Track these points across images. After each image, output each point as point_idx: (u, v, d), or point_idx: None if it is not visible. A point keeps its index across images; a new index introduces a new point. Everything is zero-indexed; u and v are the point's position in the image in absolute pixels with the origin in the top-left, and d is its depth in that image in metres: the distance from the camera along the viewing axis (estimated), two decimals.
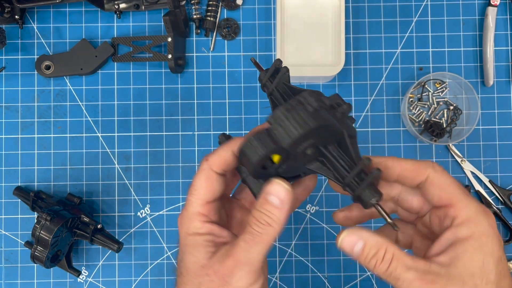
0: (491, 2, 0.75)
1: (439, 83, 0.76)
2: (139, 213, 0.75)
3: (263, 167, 0.42)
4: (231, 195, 0.51)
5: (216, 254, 0.42)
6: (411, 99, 0.76)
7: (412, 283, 0.38)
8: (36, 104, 0.76)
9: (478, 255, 0.38)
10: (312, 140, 0.41)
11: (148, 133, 0.76)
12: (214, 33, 0.76)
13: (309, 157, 0.42)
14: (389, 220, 0.40)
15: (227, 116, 0.76)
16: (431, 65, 0.76)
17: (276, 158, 0.42)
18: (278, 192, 0.41)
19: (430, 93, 0.76)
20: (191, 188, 0.44)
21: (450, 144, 0.75)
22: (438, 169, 0.41)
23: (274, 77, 0.46)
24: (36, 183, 0.75)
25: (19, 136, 0.76)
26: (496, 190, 0.75)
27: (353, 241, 0.40)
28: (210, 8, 0.76)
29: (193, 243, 0.43)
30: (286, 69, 0.45)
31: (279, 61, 0.45)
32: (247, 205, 0.50)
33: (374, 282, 0.75)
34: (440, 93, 0.76)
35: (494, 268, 0.38)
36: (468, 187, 0.75)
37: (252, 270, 0.41)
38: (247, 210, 0.50)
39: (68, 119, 0.76)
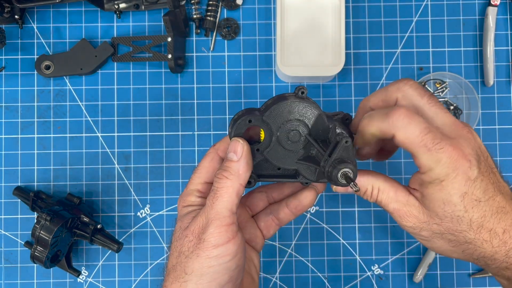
0: (491, 2, 0.75)
1: (439, 83, 0.76)
2: (139, 213, 0.75)
3: (251, 142, 0.46)
4: None
5: (194, 218, 0.46)
6: None
7: (394, 214, 0.46)
8: (36, 104, 0.76)
9: (438, 197, 0.43)
10: (295, 122, 0.45)
11: (148, 133, 0.76)
12: (214, 33, 0.76)
13: (295, 144, 0.46)
14: (354, 188, 0.43)
15: (227, 116, 0.76)
16: (431, 65, 0.76)
17: (262, 135, 0.46)
18: (234, 147, 0.46)
19: None
20: (196, 169, 0.50)
21: None
22: (401, 126, 0.42)
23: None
24: (36, 183, 0.75)
25: (19, 136, 0.76)
26: None
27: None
28: (210, 8, 0.76)
29: (184, 212, 0.48)
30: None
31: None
32: (246, 208, 0.54)
33: (374, 282, 0.75)
34: (440, 93, 0.76)
35: (457, 205, 0.43)
36: None
37: (221, 225, 0.44)
38: (245, 210, 0.54)
39: (68, 119, 0.76)
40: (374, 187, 0.47)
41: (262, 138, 0.46)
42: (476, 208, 0.43)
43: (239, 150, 0.45)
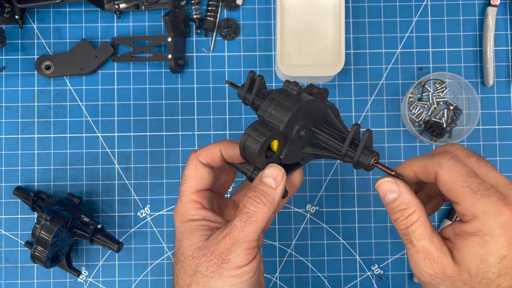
0: (491, 2, 0.75)
1: (439, 83, 0.76)
2: (139, 213, 0.75)
3: (266, 157, 0.44)
4: (227, 197, 0.54)
5: (211, 237, 0.44)
6: (411, 99, 0.76)
7: (419, 254, 0.40)
8: (36, 104, 0.76)
9: (477, 252, 0.39)
10: (302, 121, 0.44)
11: (148, 133, 0.76)
12: (214, 33, 0.76)
13: (304, 140, 0.45)
14: (391, 172, 0.42)
15: (227, 116, 0.76)
16: (431, 65, 0.76)
17: (275, 145, 0.44)
18: (273, 174, 0.44)
19: (430, 93, 0.76)
20: (182, 179, 0.48)
21: None
22: (446, 164, 0.40)
23: (252, 88, 0.48)
24: (36, 183, 0.75)
25: (19, 136, 0.76)
26: None
27: (390, 189, 0.42)
28: (210, 8, 0.76)
29: (188, 229, 0.46)
30: (261, 77, 0.48)
31: (252, 73, 0.48)
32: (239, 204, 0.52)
33: (374, 282, 0.75)
34: (440, 93, 0.76)
35: (493, 267, 0.39)
36: None
37: (249, 248, 0.43)
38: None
39: (68, 119, 0.76)
40: (416, 212, 0.41)
41: (274, 146, 0.45)
42: (509, 276, 0.39)
43: (279, 179, 0.44)
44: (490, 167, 0.42)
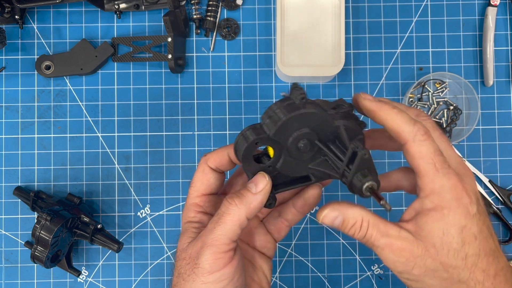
0: (491, 2, 0.75)
1: (439, 83, 0.76)
2: (139, 213, 0.75)
3: (259, 161, 0.43)
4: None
5: (194, 239, 0.45)
6: (411, 99, 0.76)
7: (385, 249, 0.42)
8: (36, 104, 0.76)
9: (438, 226, 0.41)
10: (300, 132, 0.42)
11: (148, 133, 0.76)
12: (214, 33, 0.76)
13: (305, 152, 0.43)
14: (381, 202, 0.41)
15: (227, 116, 0.76)
16: (431, 65, 0.76)
17: (271, 152, 0.43)
18: (257, 180, 0.44)
19: (430, 93, 0.76)
20: (191, 182, 0.49)
21: None
22: (419, 138, 0.42)
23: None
24: (36, 183, 0.75)
25: (19, 136, 0.76)
26: (496, 190, 0.75)
27: (333, 216, 0.43)
28: (210, 8, 0.76)
29: (183, 230, 0.47)
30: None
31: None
32: None
33: (374, 282, 0.75)
34: (440, 93, 0.76)
35: (456, 237, 0.41)
36: None
37: (218, 252, 0.42)
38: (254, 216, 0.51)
39: (68, 119, 0.76)
40: (364, 220, 0.43)
41: (271, 153, 0.44)
42: (472, 245, 0.41)
43: (260, 186, 0.44)
44: (449, 144, 0.44)
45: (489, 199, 0.75)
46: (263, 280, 0.51)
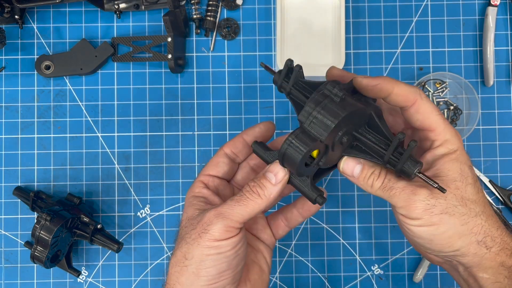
0: (491, 2, 0.75)
1: (439, 83, 0.76)
2: (139, 213, 0.75)
3: (306, 164, 0.45)
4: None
5: (204, 210, 0.49)
6: None
7: (404, 190, 0.45)
8: (36, 104, 0.76)
9: (456, 164, 0.46)
10: (345, 128, 0.44)
11: (148, 133, 0.76)
12: (214, 33, 0.76)
13: (344, 144, 0.45)
14: (434, 185, 0.44)
15: (227, 116, 0.76)
16: (431, 65, 0.76)
17: (315, 152, 0.44)
18: (276, 172, 0.47)
19: (430, 93, 0.76)
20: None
21: None
22: (424, 97, 0.47)
23: (288, 76, 0.47)
24: (36, 183, 0.75)
25: (19, 136, 0.76)
26: (496, 190, 0.75)
27: (353, 165, 0.47)
28: (210, 8, 0.76)
29: (188, 203, 0.51)
30: (299, 67, 0.47)
31: (290, 61, 0.47)
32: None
33: (374, 282, 0.75)
34: (440, 93, 0.76)
35: (470, 173, 0.47)
36: None
37: (229, 225, 0.46)
38: None
39: (68, 119, 0.76)
40: (382, 170, 0.47)
41: (315, 153, 0.45)
42: (478, 182, 0.48)
43: (279, 177, 0.47)
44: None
45: (489, 199, 0.75)
46: (261, 261, 0.54)
